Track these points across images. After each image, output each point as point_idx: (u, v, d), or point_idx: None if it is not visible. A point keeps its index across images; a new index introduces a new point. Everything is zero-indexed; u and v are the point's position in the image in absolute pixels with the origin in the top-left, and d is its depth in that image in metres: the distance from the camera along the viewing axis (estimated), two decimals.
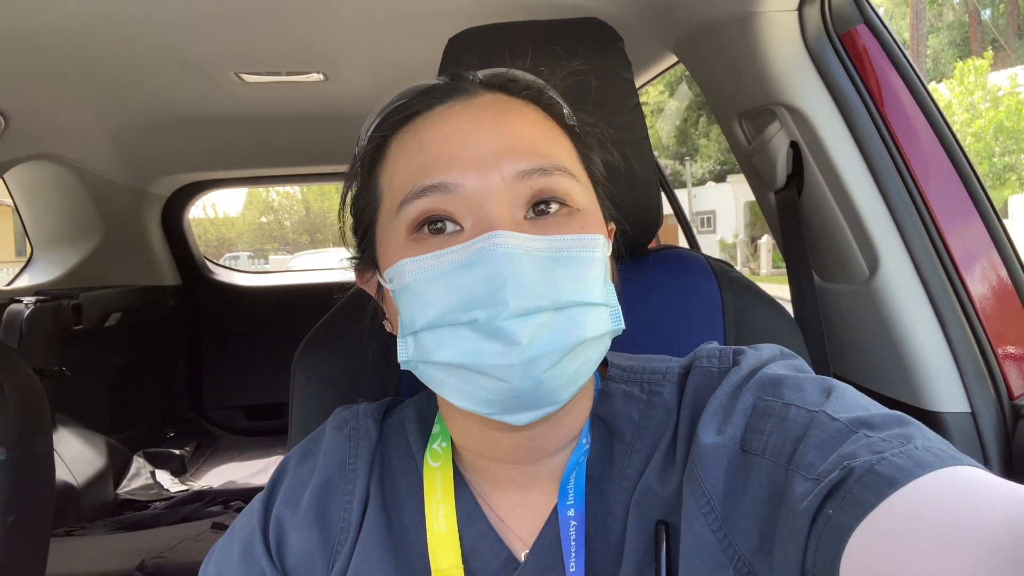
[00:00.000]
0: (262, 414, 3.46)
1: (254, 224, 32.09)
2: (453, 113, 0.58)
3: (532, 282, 0.50)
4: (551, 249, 0.53)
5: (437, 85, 0.61)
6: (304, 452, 0.67)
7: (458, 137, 0.56)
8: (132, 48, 1.54)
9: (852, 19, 1.04)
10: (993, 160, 14.41)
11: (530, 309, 0.50)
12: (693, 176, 25.22)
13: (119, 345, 3.00)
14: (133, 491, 2.76)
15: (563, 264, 0.53)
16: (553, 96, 0.63)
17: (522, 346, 0.50)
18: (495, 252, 0.50)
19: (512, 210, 0.53)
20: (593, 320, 0.53)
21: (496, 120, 0.57)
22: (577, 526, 0.58)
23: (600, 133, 0.66)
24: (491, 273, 0.50)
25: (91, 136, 2.29)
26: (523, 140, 0.56)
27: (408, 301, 0.54)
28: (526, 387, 0.51)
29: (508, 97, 0.60)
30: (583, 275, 0.53)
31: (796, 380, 0.54)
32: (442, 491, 0.62)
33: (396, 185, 0.57)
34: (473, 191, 0.53)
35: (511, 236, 0.51)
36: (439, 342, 0.52)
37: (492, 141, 0.55)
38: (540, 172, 0.54)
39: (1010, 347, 0.99)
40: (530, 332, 0.50)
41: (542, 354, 0.50)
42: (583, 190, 0.58)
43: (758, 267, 19.09)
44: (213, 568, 0.63)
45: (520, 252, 0.51)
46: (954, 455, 0.43)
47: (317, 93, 1.98)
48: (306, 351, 0.89)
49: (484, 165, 0.54)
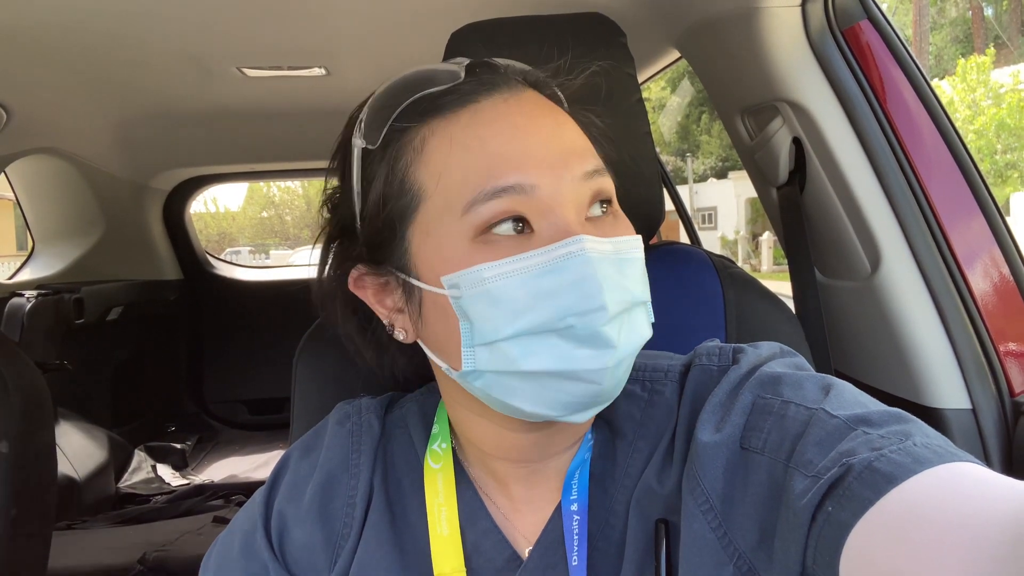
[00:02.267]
0: (263, 408, 3.47)
1: (255, 219, 32.14)
2: (510, 107, 0.55)
3: (618, 285, 0.51)
4: (617, 251, 0.53)
5: (474, 77, 0.57)
6: (306, 447, 0.67)
7: (524, 134, 0.53)
8: (134, 42, 1.54)
9: (855, 15, 1.04)
10: (995, 158, 14.39)
11: (622, 309, 0.51)
12: (695, 172, 25.20)
13: (120, 339, 3.00)
14: (134, 485, 2.77)
15: (629, 266, 0.54)
16: (559, 94, 0.62)
17: (616, 349, 0.50)
18: (584, 257, 0.50)
19: (579, 212, 0.53)
20: (647, 317, 0.56)
21: (553, 118, 0.56)
22: (580, 520, 0.58)
23: (601, 130, 0.65)
24: (583, 278, 0.49)
25: (93, 130, 2.29)
26: (579, 140, 0.56)
27: (485, 310, 0.51)
28: (612, 386, 0.52)
29: (539, 94, 0.59)
30: (641, 275, 0.55)
31: (795, 378, 0.54)
32: (444, 494, 0.62)
33: (451, 183, 0.53)
34: (547, 192, 0.51)
35: (592, 240, 0.51)
36: (526, 351, 0.51)
37: (557, 140, 0.54)
38: (598, 173, 0.54)
39: (1011, 344, 0.99)
40: (619, 334, 0.51)
41: (627, 354, 0.52)
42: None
43: (759, 264, 19.09)
44: (215, 561, 0.63)
45: (600, 256, 0.51)
46: (953, 451, 0.43)
47: (319, 88, 1.98)
48: (308, 345, 0.89)
49: (556, 165, 0.52)
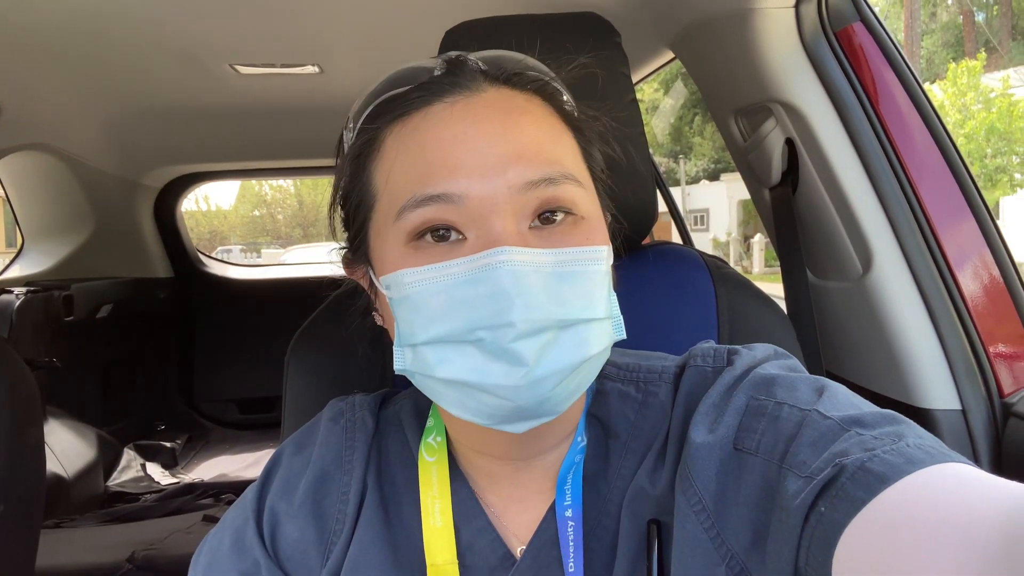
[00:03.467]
0: (254, 407, 3.46)
1: (247, 217, 32.02)
2: (456, 113, 0.53)
3: (539, 301, 0.49)
4: (557, 263, 0.51)
5: (436, 77, 0.56)
6: (299, 443, 0.67)
7: (462, 142, 0.52)
8: (127, 38, 1.53)
9: (849, 16, 1.04)
10: (985, 161, 14.48)
11: (537, 328, 0.48)
12: (687, 174, 25.25)
13: (110, 337, 2.98)
14: (123, 483, 2.76)
15: (569, 280, 0.51)
16: (558, 87, 0.60)
17: (528, 367, 0.48)
18: (501, 270, 0.48)
19: (518, 221, 0.51)
20: (598, 336, 0.52)
21: (502, 122, 0.53)
22: (575, 526, 0.58)
23: (602, 126, 0.64)
24: (497, 292, 0.48)
25: (84, 126, 2.28)
26: (530, 145, 0.53)
27: (407, 313, 0.52)
28: (531, 404, 0.50)
29: (513, 91, 0.56)
30: (589, 290, 0.52)
31: (789, 379, 0.54)
32: (438, 486, 0.62)
33: (394, 188, 0.54)
34: (478, 201, 0.50)
35: (517, 252, 0.49)
36: (441, 358, 0.51)
37: (498, 146, 0.52)
38: (547, 182, 0.52)
39: (1001, 345, 1.00)
40: (536, 352, 0.48)
41: (548, 373, 0.49)
42: (587, 194, 0.56)
43: (751, 266, 19.14)
44: (204, 558, 0.63)
45: (526, 269, 0.49)
46: (945, 452, 0.43)
47: (312, 86, 1.97)
48: (299, 344, 0.89)
49: (489, 173, 0.50)
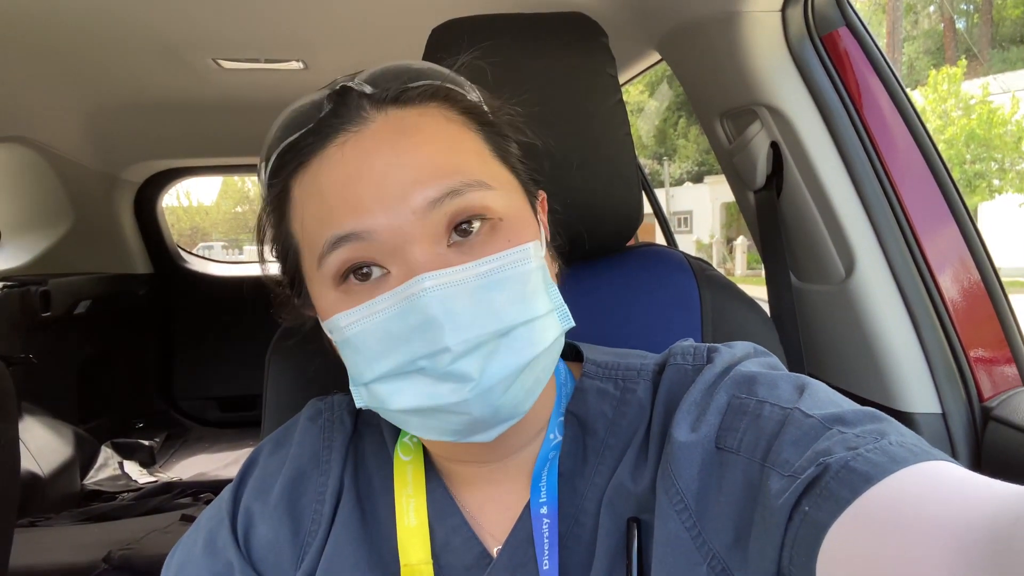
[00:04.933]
0: (234, 406, 3.43)
1: (229, 214, 31.79)
2: (347, 152, 0.53)
3: (470, 319, 0.49)
4: (482, 275, 0.50)
5: (323, 118, 0.55)
6: (276, 442, 0.66)
7: (357, 180, 0.51)
8: (108, 30, 1.51)
9: (834, 21, 1.05)
10: (964, 167, 14.66)
11: (473, 346, 0.49)
12: (671, 176, 25.38)
13: (88, 333, 2.95)
14: (100, 482, 2.72)
15: (498, 288, 0.51)
16: (453, 87, 0.58)
17: (475, 380, 0.49)
18: (426, 297, 0.49)
19: (433, 244, 0.51)
20: (541, 333, 0.52)
21: (392, 149, 0.52)
22: (550, 524, 0.58)
23: (510, 114, 0.63)
24: (426, 321, 0.49)
25: (63, 119, 2.25)
26: (425, 165, 0.51)
27: (351, 355, 0.53)
28: (486, 414, 0.51)
29: (402, 110, 0.55)
30: (521, 292, 0.51)
31: (770, 378, 0.54)
32: (413, 485, 0.62)
33: (309, 236, 0.55)
34: (388, 234, 0.50)
35: (438, 275, 0.49)
36: (392, 390, 0.52)
37: (393, 175, 0.51)
38: (452, 195, 0.51)
39: (981, 350, 1.01)
40: (479, 365, 0.49)
41: (496, 381, 0.50)
42: (502, 193, 0.54)
43: (733, 268, 19.27)
44: (177, 559, 0.62)
45: (451, 290, 0.49)
46: (928, 450, 0.44)
47: (296, 81, 1.96)
48: (280, 342, 0.88)
49: (391, 204, 0.50)
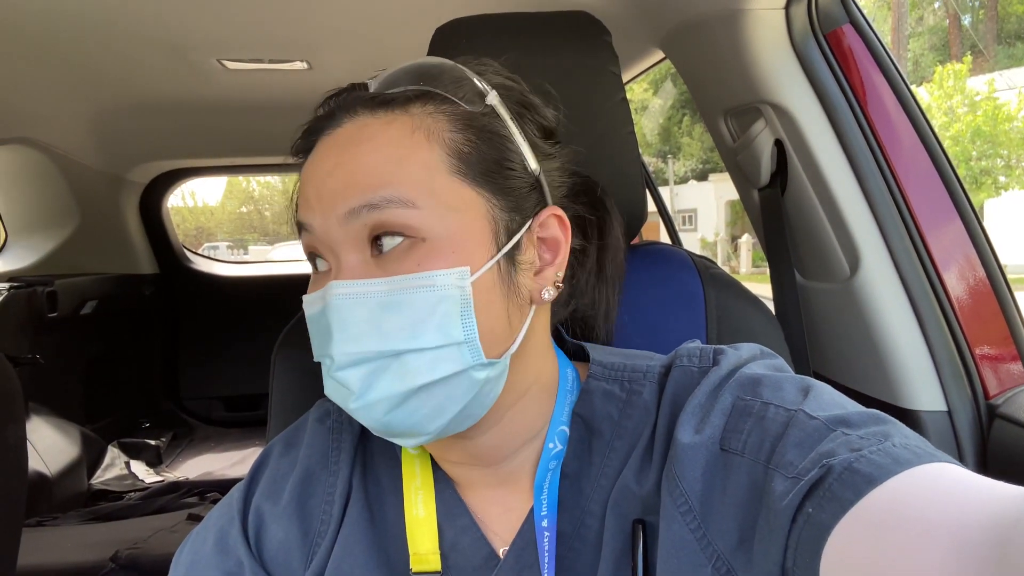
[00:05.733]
0: (240, 405, 3.44)
1: (234, 214, 31.88)
2: (321, 150, 0.56)
3: (358, 334, 0.51)
4: (387, 292, 0.51)
5: (319, 116, 0.59)
6: (287, 442, 0.67)
7: (309, 180, 0.55)
8: (113, 32, 1.51)
9: (838, 18, 1.05)
10: (970, 164, 14.61)
11: (352, 361, 0.51)
12: (675, 174, 25.34)
13: (94, 334, 2.96)
14: (107, 481, 2.73)
15: (394, 310, 0.51)
16: (440, 91, 0.56)
17: (355, 393, 0.51)
18: (332, 304, 0.51)
19: (356, 251, 0.52)
20: (430, 365, 0.51)
21: (339, 156, 0.54)
22: (550, 536, 0.58)
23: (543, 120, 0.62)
24: (326, 325, 0.52)
25: (69, 121, 2.26)
26: (358, 174, 0.52)
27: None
28: (377, 426, 0.53)
29: (368, 118, 0.55)
30: (413, 319, 0.51)
31: (775, 379, 0.54)
32: (421, 477, 0.62)
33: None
34: (322, 232, 0.53)
35: (344, 286, 0.51)
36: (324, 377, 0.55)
37: (330, 180, 0.53)
38: (368, 208, 0.51)
39: (987, 347, 1.00)
40: (359, 380, 0.51)
41: (376, 400, 0.51)
42: (431, 214, 0.52)
43: (738, 266, 19.23)
44: (187, 557, 0.62)
45: (349, 303, 0.51)
46: (932, 452, 0.44)
47: (300, 82, 1.96)
48: (286, 342, 0.88)
49: (325, 207, 0.53)
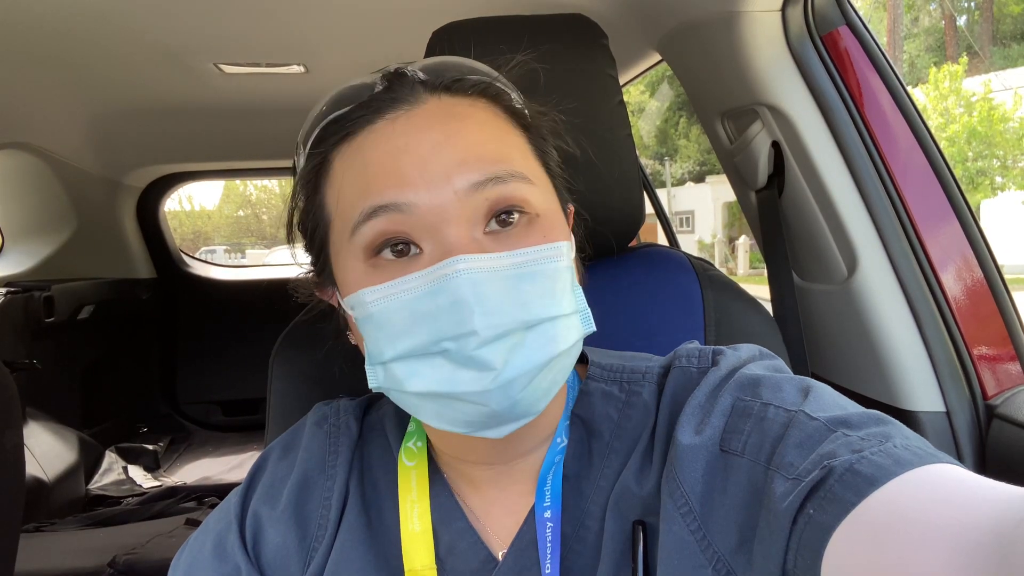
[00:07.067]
0: (238, 410, 3.43)
1: (231, 218, 31.85)
2: (398, 127, 0.53)
3: (500, 305, 0.49)
4: (516, 265, 0.51)
5: (376, 94, 0.56)
6: (285, 447, 0.67)
7: (404, 153, 0.52)
8: (110, 36, 1.51)
9: (834, 20, 1.05)
10: (966, 165, 14.64)
11: (501, 333, 0.49)
12: (672, 176, 25.36)
13: (92, 338, 2.95)
14: (105, 487, 2.72)
15: (530, 280, 0.51)
16: (502, 86, 0.59)
17: (497, 371, 0.49)
18: (459, 279, 0.48)
19: (471, 227, 0.51)
20: (565, 332, 0.52)
21: (443, 129, 0.53)
22: (553, 527, 0.58)
23: (552, 121, 0.64)
24: (456, 302, 0.48)
25: (66, 125, 2.25)
26: (473, 148, 0.52)
27: (373, 332, 0.53)
28: (504, 407, 0.50)
29: (454, 98, 0.56)
30: (551, 288, 0.52)
31: (774, 380, 0.54)
32: (417, 491, 0.61)
33: (344, 207, 0.54)
34: (427, 210, 0.50)
35: (473, 259, 0.49)
36: (411, 372, 0.51)
37: (441, 154, 0.51)
38: (495, 181, 0.51)
39: (985, 348, 1.00)
40: (503, 355, 0.49)
41: (518, 375, 0.49)
42: (540, 191, 0.55)
43: (736, 267, 19.24)
44: (185, 562, 0.62)
45: (484, 275, 0.49)
46: (933, 453, 0.44)
47: (297, 85, 1.96)
48: (284, 346, 0.88)
49: (434, 182, 0.50)
